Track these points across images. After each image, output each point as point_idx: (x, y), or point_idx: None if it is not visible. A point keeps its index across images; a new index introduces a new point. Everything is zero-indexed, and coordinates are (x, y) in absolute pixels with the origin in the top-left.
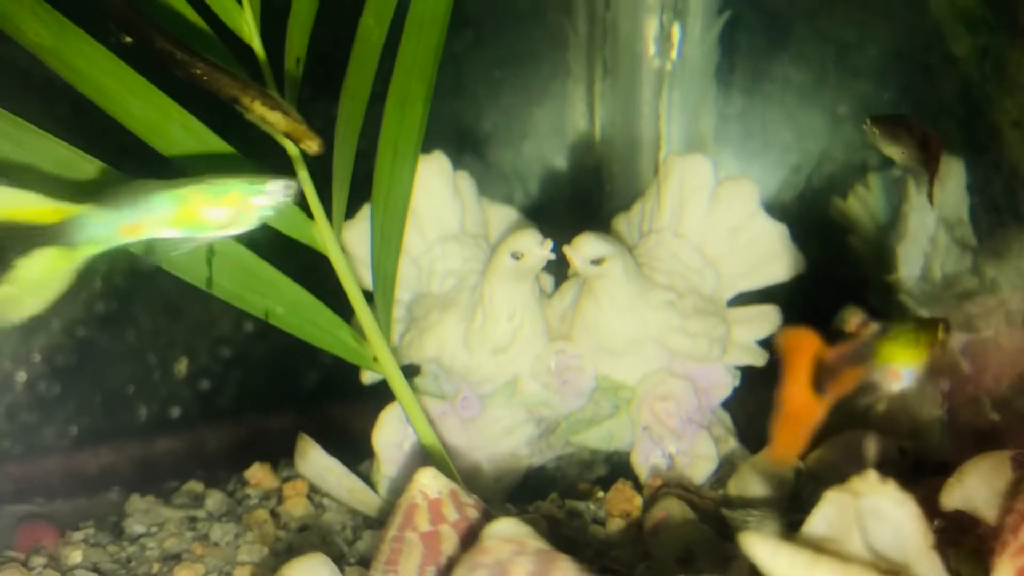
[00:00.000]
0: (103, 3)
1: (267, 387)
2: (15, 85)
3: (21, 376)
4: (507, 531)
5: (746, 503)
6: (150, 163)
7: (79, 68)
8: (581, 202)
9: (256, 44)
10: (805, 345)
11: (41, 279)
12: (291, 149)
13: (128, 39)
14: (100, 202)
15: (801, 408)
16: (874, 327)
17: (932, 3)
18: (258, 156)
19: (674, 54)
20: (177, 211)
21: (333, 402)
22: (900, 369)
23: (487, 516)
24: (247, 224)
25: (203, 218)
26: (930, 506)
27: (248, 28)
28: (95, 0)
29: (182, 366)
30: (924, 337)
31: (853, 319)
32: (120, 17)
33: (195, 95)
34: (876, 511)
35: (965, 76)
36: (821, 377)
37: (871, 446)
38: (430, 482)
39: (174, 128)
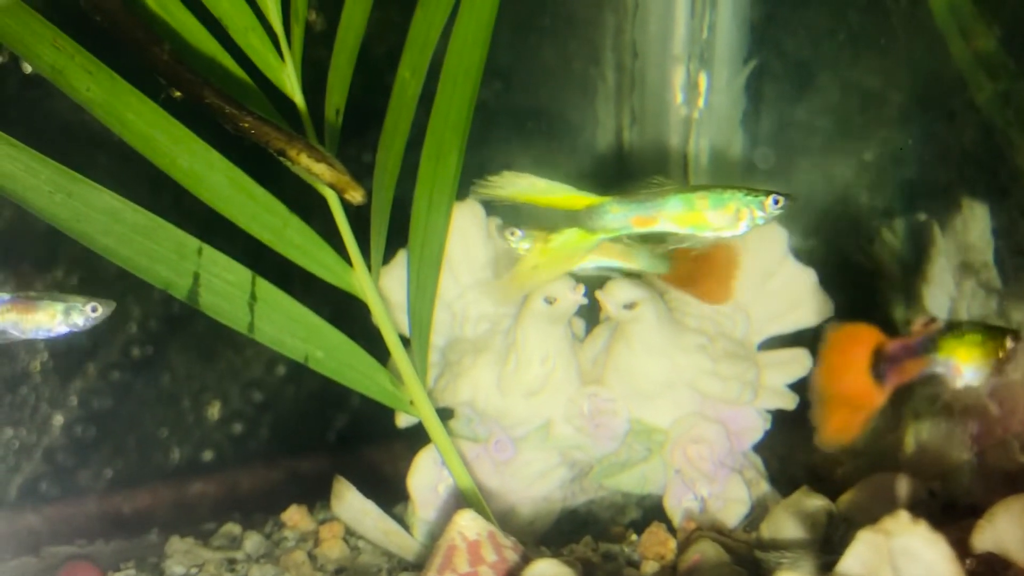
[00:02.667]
0: (153, 59)
1: (301, 430)
2: (61, 136)
3: (58, 419)
4: (547, 572)
5: (779, 545)
6: (190, 213)
7: (128, 121)
8: None
9: (297, 97)
10: (864, 336)
11: (561, 254)
12: (331, 197)
13: (178, 94)
14: (619, 196)
15: (860, 395)
16: (941, 323)
17: (954, 50)
18: (297, 202)
19: (701, 102)
20: (685, 211)
21: (366, 445)
22: (963, 365)
23: (525, 558)
24: (740, 230)
25: (705, 220)
26: (961, 548)
27: (290, 82)
28: (144, 56)
29: (215, 409)
30: (992, 342)
31: (919, 318)
32: (170, 72)
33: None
34: (908, 551)
35: (987, 121)
36: (882, 365)
37: (902, 487)
38: (469, 524)
39: (218, 179)
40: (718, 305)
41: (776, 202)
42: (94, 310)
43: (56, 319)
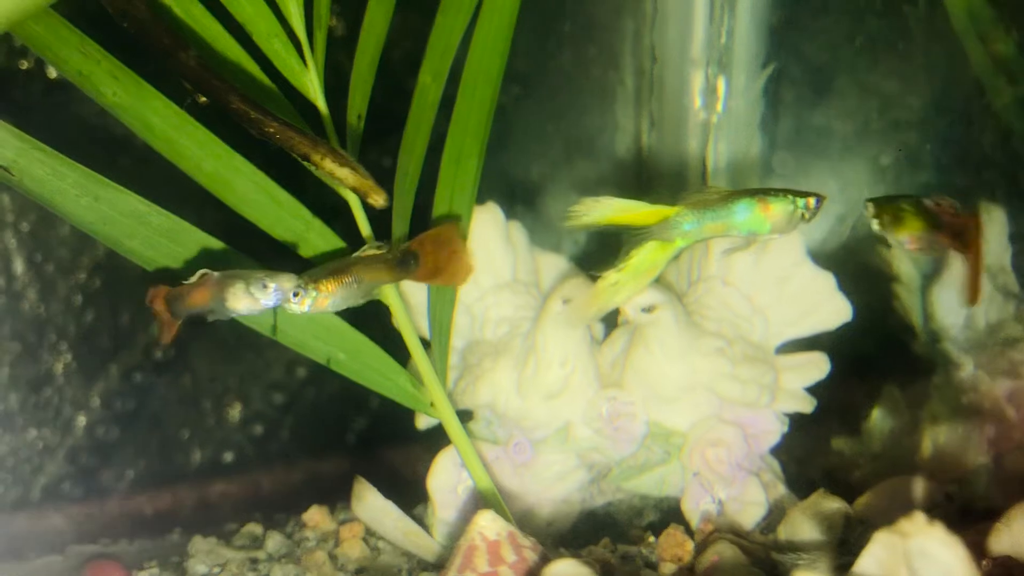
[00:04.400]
0: (180, 65)
1: (321, 432)
2: (86, 141)
3: (81, 420)
4: (566, 572)
5: (796, 547)
6: (211, 214)
7: (153, 126)
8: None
9: (320, 102)
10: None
11: (642, 267)
12: (352, 200)
13: (204, 99)
14: (691, 205)
15: None
16: None
17: (972, 54)
18: (317, 204)
19: (720, 106)
20: (751, 216)
21: (386, 447)
22: None
23: (544, 559)
24: (793, 230)
25: (767, 223)
26: (977, 551)
27: (312, 87)
28: (172, 62)
29: (236, 411)
30: None
31: None
32: (197, 78)
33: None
34: (924, 552)
35: (1005, 125)
36: None
37: (919, 489)
38: (489, 524)
39: (242, 182)
40: (468, 280)
41: (818, 203)
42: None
43: (247, 295)
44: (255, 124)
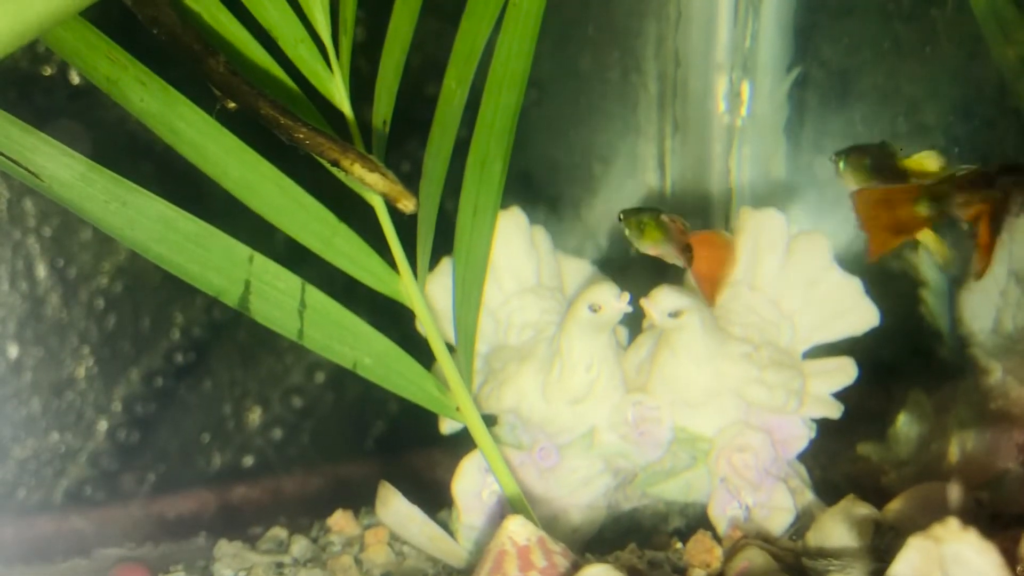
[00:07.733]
0: (209, 71)
1: (344, 436)
2: (110, 146)
3: (103, 425)
4: None
5: (827, 553)
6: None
7: (180, 131)
8: (652, 256)
9: (346, 107)
10: None
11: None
12: (378, 205)
13: (232, 105)
14: None
15: None
16: None
17: (997, 57)
18: (339, 208)
19: (744, 111)
20: None
21: (407, 451)
22: None
23: (575, 565)
24: None
25: None
26: (1010, 558)
27: (338, 92)
28: (201, 68)
29: (257, 415)
30: None
31: None
32: (226, 84)
33: None
34: (959, 558)
35: None
36: None
37: (950, 496)
38: (519, 529)
39: (268, 187)
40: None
41: None
42: None
43: None
44: (285, 130)
